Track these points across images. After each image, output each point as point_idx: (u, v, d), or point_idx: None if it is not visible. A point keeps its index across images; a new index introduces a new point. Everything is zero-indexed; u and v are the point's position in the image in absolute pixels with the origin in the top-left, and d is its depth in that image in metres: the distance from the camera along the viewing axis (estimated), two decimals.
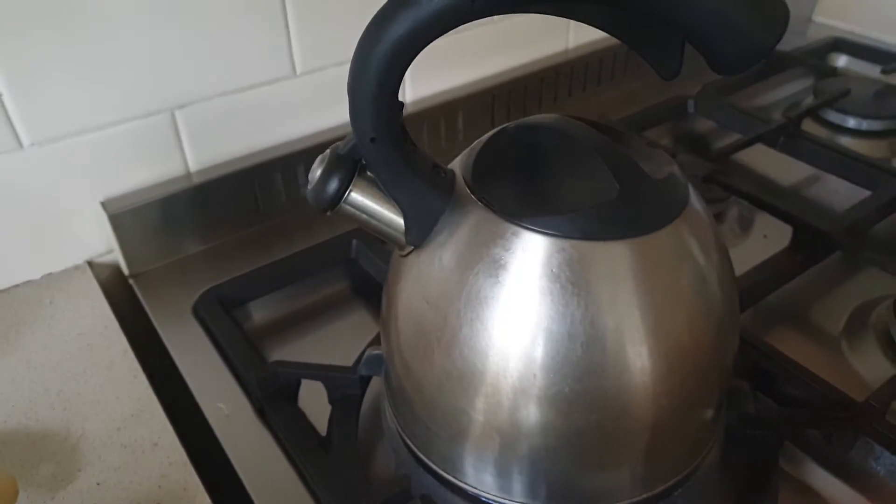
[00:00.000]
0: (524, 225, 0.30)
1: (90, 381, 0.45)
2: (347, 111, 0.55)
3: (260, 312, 0.53)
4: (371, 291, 0.54)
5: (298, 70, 0.57)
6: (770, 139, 0.68)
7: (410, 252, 0.34)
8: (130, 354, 0.47)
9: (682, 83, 0.79)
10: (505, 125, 0.35)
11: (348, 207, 0.33)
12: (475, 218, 0.32)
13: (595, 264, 0.29)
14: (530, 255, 0.30)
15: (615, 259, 0.29)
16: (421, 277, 0.33)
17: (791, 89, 0.84)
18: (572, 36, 0.76)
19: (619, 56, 0.78)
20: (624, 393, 0.30)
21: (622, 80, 0.80)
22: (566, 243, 0.29)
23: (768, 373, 0.42)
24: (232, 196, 0.56)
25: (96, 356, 0.46)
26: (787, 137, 0.69)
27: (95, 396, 0.44)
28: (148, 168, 0.53)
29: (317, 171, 0.33)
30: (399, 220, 0.33)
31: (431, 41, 0.28)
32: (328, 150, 0.33)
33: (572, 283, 0.29)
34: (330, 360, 0.45)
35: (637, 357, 0.29)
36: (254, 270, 0.53)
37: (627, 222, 0.30)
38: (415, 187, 0.32)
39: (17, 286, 0.51)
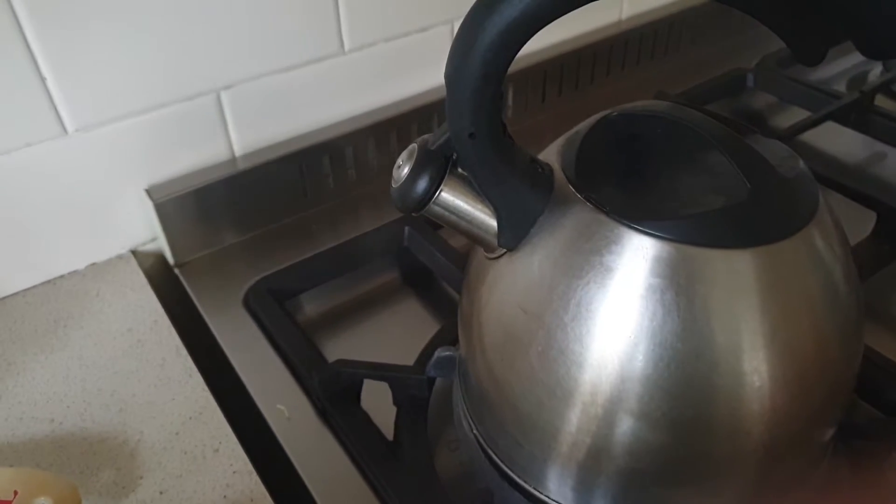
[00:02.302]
0: (644, 229, 0.27)
1: (143, 381, 0.43)
2: (398, 89, 0.50)
3: (311, 304, 0.51)
4: (424, 281, 0.52)
5: (347, 47, 0.53)
6: (841, 116, 0.64)
7: (502, 255, 0.31)
8: (183, 352, 0.45)
9: (740, 54, 0.76)
10: (606, 113, 0.32)
11: (437, 208, 0.30)
12: (581, 220, 0.29)
13: (728, 275, 0.26)
14: (652, 263, 0.27)
15: (749, 269, 0.26)
16: (516, 283, 0.31)
17: (853, 60, 0.79)
18: (626, 6, 0.71)
19: (675, 27, 0.74)
20: (750, 417, 0.27)
21: (677, 52, 0.76)
22: (695, 251, 0.26)
23: (871, 378, 0.39)
24: (278, 182, 0.54)
25: (148, 353, 0.44)
26: (858, 114, 0.65)
27: (150, 397, 0.42)
28: (192, 152, 0.51)
29: (404, 169, 0.30)
30: (491, 222, 0.30)
31: (547, 24, 0.25)
32: (415, 145, 0.30)
33: (703, 297, 0.26)
34: (386, 355, 0.43)
35: (767, 380, 0.27)
36: (304, 260, 0.51)
37: (760, 227, 0.27)
38: (512, 186, 0.29)
39: (62, 277, 0.49)
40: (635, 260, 0.27)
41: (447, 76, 0.27)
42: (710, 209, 0.27)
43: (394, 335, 0.48)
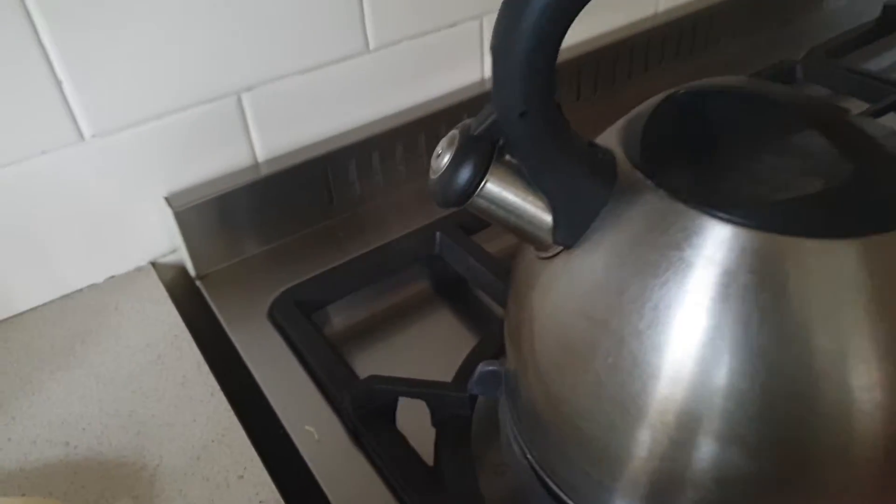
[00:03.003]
0: (731, 218, 0.23)
1: (163, 400, 0.40)
2: (426, 88, 0.47)
3: (339, 316, 0.48)
4: (458, 290, 0.49)
5: (372, 45, 0.51)
6: None
7: (557, 254, 0.28)
8: (205, 368, 0.42)
9: (782, 48, 0.71)
10: (671, 91, 0.28)
11: (482, 201, 0.27)
12: (654, 210, 0.25)
13: (834, 270, 0.22)
14: (742, 257, 0.23)
15: (858, 262, 0.22)
16: (576, 286, 0.27)
17: None
18: None
19: (714, 19, 0.70)
20: (864, 440, 0.23)
21: (716, 46, 0.72)
22: (794, 242, 0.22)
23: None
24: (302, 188, 0.51)
25: (168, 371, 0.41)
26: None
27: (170, 418, 0.39)
28: (213, 158, 0.48)
29: (444, 158, 0.26)
30: (544, 216, 0.27)
31: None
32: (456, 131, 0.27)
33: (804, 297, 0.22)
34: (420, 370, 0.40)
35: (884, 395, 0.22)
36: (331, 270, 0.48)
37: (869, 213, 0.23)
38: (570, 174, 0.26)
39: (80, 291, 0.47)
40: (722, 254, 0.23)
41: (494, 47, 0.24)
42: (808, 193, 0.23)
43: (427, 348, 0.45)
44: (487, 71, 0.58)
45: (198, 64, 0.44)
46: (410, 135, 0.54)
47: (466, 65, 0.56)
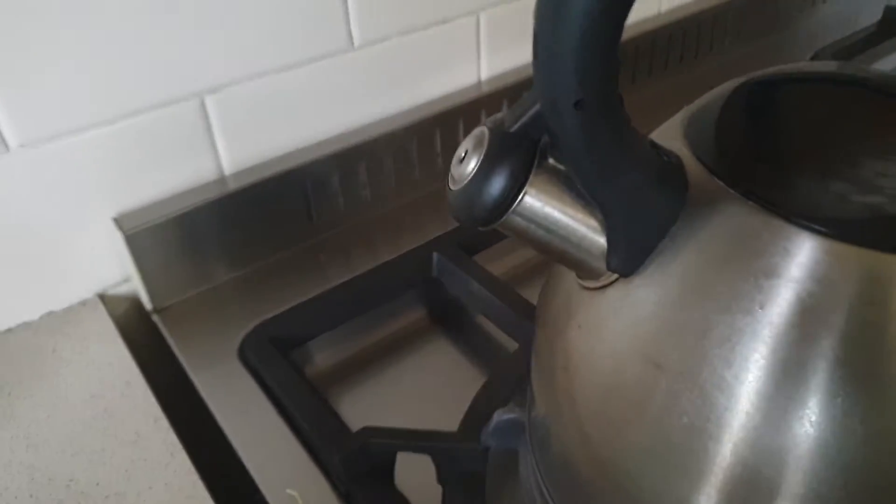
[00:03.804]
0: (843, 237, 0.18)
1: (111, 465, 0.34)
2: (417, 90, 0.44)
3: (322, 353, 0.43)
4: (459, 319, 0.45)
5: (356, 41, 0.46)
6: None
7: (611, 283, 0.22)
8: (164, 423, 0.36)
9: (787, 50, 0.70)
10: (744, 79, 0.24)
11: (518, 219, 0.21)
12: (743, 227, 0.20)
13: None
14: (862, 286, 0.18)
15: None
16: (637, 325, 0.21)
17: None
18: None
19: (718, 21, 0.68)
20: None
21: (721, 49, 0.70)
22: None
23: None
24: (277, 204, 0.46)
25: (117, 427, 0.35)
26: None
27: (119, 486, 0.33)
28: (172, 171, 0.43)
29: (470, 162, 0.21)
30: (596, 237, 0.21)
31: None
32: (483, 128, 0.21)
33: None
34: (419, 416, 0.36)
35: None
36: (312, 299, 0.43)
37: None
38: (632, 182, 0.20)
39: (9, 331, 0.41)
40: (835, 282, 0.18)
41: (539, 16, 0.18)
42: None
43: (427, 389, 0.40)
44: (484, 72, 0.53)
45: (152, 60, 0.39)
46: (400, 143, 0.50)
47: (461, 65, 0.52)
